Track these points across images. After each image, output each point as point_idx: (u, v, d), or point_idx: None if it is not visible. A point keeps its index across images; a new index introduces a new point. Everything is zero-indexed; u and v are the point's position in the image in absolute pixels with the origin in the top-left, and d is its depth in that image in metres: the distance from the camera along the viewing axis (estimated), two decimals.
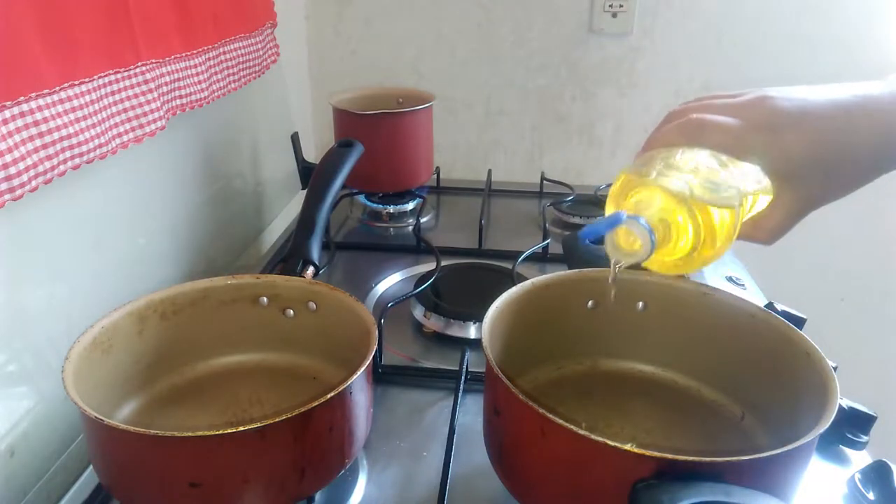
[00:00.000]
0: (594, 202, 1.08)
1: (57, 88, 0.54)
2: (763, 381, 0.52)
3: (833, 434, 0.59)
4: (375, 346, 0.50)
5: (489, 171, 1.22)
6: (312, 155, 1.25)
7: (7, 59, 0.49)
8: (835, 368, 0.47)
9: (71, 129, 0.55)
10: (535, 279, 0.57)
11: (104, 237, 0.67)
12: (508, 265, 0.84)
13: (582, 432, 0.39)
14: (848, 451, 0.59)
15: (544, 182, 1.18)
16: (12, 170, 0.49)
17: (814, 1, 1.21)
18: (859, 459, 0.58)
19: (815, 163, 0.42)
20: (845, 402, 0.59)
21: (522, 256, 0.86)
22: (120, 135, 0.63)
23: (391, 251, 0.96)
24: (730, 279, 0.88)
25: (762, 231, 0.45)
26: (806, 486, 0.42)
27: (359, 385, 0.48)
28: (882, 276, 1.37)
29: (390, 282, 0.87)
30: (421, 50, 1.29)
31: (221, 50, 0.83)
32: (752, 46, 1.25)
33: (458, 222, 1.07)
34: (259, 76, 0.95)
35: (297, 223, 0.70)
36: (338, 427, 0.46)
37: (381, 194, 1.08)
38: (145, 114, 0.66)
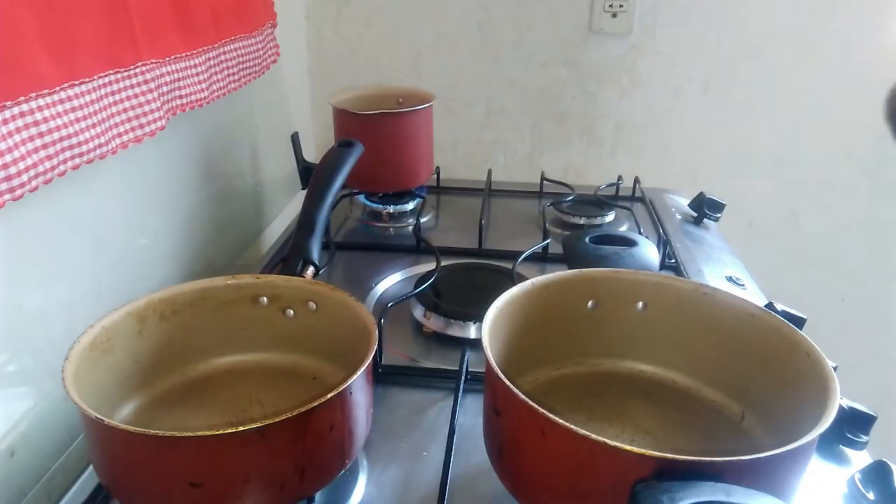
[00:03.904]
0: (594, 202, 1.08)
1: (57, 88, 0.54)
2: (763, 381, 0.52)
3: (833, 434, 0.59)
4: (375, 346, 0.50)
5: (489, 171, 1.22)
6: (312, 155, 1.25)
7: (7, 59, 0.49)
8: (835, 368, 0.47)
9: (71, 129, 0.55)
10: (536, 279, 0.57)
11: (104, 237, 0.67)
12: (509, 265, 0.84)
13: (582, 432, 0.39)
14: (848, 451, 0.59)
15: (544, 182, 1.18)
16: (12, 170, 0.49)
17: (814, 1, 1.21)
18: (859, 459, 0.58)
19: None
20: (845, 402, 0.59)
21: (523, 256, 0.86)
22: (120, 135, 0.63)
23: (391, 251, 0.96)
24: (730, 279, 0.88)
25: None
26: (806, 486, 0.42)
27: (359, 385, 0.48)
28: (882, 276, 1.37)
29: (390, 282, 0.87)
30: (421, 50, 1.29)
31: (221, 50, 0.83)
32: (752, 46, 1.25)
33: (458, 222, 1.07)
34: (259, 76, 0.95)
35: (297, 223, 0.70)
36: (338, 427, 0.46)
37: (381, 194, 1.08)
38: (145, 114, 0.66)
